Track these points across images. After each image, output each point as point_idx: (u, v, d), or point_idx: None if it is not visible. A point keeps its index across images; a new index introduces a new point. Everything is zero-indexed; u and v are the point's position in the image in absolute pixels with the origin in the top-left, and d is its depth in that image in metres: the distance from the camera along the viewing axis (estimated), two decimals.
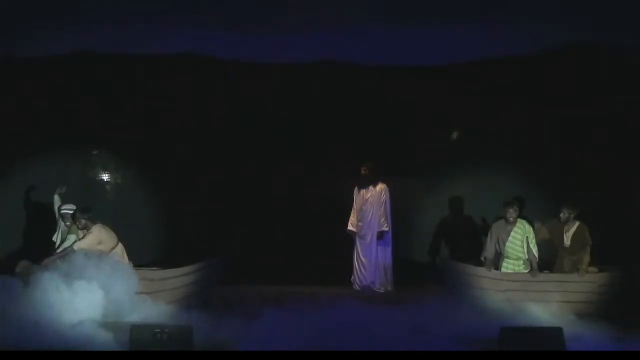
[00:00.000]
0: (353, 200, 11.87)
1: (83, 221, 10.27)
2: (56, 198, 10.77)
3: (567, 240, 10.49)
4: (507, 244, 10.48)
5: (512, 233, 10.47)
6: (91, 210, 10.38)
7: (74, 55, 12.02)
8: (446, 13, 10.76)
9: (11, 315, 9.28)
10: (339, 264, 11.90)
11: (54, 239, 10.64)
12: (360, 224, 11.78)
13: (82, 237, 10.17)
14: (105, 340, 8.74)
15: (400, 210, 11.98)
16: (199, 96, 12.54)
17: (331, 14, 10.81)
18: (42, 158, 12.37)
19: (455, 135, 12.77)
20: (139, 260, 10.78)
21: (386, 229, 11.70)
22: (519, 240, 10.47)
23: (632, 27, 10.76)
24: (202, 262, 10.47)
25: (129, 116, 12.44)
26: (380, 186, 11.73)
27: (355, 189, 11.85)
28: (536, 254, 10.41)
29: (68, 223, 10.49)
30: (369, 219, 11.70)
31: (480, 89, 12.31)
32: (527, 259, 10.45)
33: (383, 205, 11.69)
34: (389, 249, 11.78)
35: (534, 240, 10.45)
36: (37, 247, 10.71)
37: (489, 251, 10.56)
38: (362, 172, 11.74)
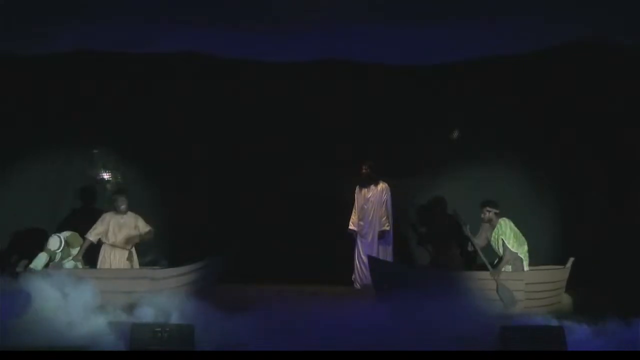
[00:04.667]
0: (354, 200, 11.89)
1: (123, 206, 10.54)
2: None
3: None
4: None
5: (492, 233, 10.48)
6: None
7: (74, 55, 12.01)
8: (446, 12, 10.76)
9: (11, 315, 9.29)
10: (340, 263, 11.91)
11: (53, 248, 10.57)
12: (361, 223, 11.80)
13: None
14: (105, 339, 8.74)
15: (401, 210, 12.00)
16: (199, 95, 12.54)
17: (331, 13, 10.80)
18: (42, 158, 12.37)
19: (456, 134, 12.78)
20: (139, 259, 10.81)
21: (387, 228, 11.72)
22: (494, 240, 10.46)
23: (632, 27, 10.78)
24: (203, 261, 10.47)
25: (129, 116, 12.44)
26: (382, 185, 11.74)
27: (357, 188, 11.87)
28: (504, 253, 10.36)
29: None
30: (370, 218, 11.72)
31: (480, 88, 12.32)
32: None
33: (384, 204, 11.71)
34: (390, 248, 11.81)
35: (505, 239, 10.39)
36: (38, 247, 10.70)
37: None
38: (363, 171, 11.76)
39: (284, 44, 11.61)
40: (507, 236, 10.35)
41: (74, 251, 10.41)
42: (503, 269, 10.32)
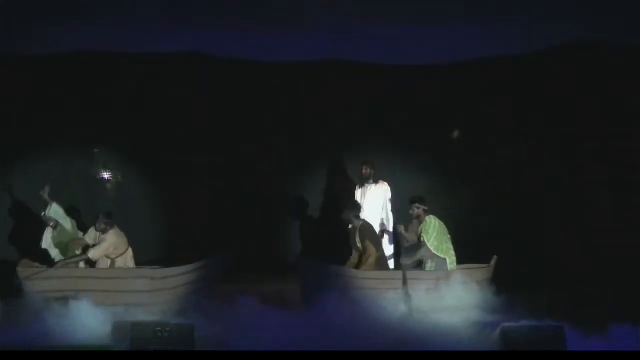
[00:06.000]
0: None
1: (103, 225, 10.36)
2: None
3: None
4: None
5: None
6: (112, 215, 10.48)
7: (74, 55, 12.03)
8: (446, 13, 10.78)
9: (11, 314, 9.30)
10: (340, 263, 11.89)
11: (44, 246, 10.57)
12: None
13: (97, 244, 10.28)
14: (106, 338, 8.74)
15: (401, 210, 11.97)
16: (199, 95, 12.53)
17: (331, 13, 10.82)
18: (43, 158, 12.37)
19: (457, 134, 12.77)
20: (140, 258, 10.81)
21: (387, 228, 11.70)
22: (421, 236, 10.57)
23: (632, 27, 10.79)
24: (204, 261, 10.46)
25: (129, 115, 12.43)
26: (382, 185, 11.71)
27: (357, 188, 11.84)
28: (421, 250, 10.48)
29: (52, 224, 10.46)
30: (370, 218, 11.67)
31: (480, 88, 12.31)
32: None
33: (384, 204, 11.68)
34: (390, 248, 11.78)
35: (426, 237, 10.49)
36: (39, 246, 10.70)
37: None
38: (364, 171, 11.72)
39: (284, 44, 11.63)
40: (429, 234, 10.45)
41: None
42: (427, 268, 10.46)
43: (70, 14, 10.84)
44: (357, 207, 11.00)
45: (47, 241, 10.51)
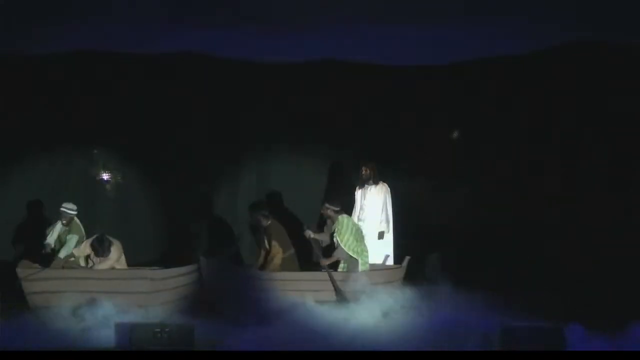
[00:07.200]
0: (355, 201, 11.87)
1: (101, 252, 10.25)
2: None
3: None
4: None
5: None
6: (105, 238, 10.35)
7: (74, 55, 12.03)
8: (446, 13, 10.79)
9: (11, 315, 9.30)
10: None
11: (48, 240, 10.56)
12: (361, 223, 11.76)
13: (101, 262, 10.23)
14: (105, 339, 8.75)
15: (401, 211, 11.99)
16: (200, 95, 12.53)
17: (331, 13, 10.83)
18: (43, 158, 12.37)
19: (456, 135, 12.76)
20: (140, 258, 10.80)
21: (386, 229, 11.69)
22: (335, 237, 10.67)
23: (632, 27, 10.80)
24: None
25: (129, 116, 12.43)
26: (382, 186, 11.70)
27: (357, 189, 11.84)
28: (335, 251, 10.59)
29: (64, 222, 10.47)
30: (370, 219, 11.68)
31: (480, 88, 12.31)
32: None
33: (384, 205, 11.67)
34: (390, 249, 11.77)
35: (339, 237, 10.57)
36: (38, 247, 10.71)
37: None
38: (363, 172, 11.71)
39: (284, 44, 11.64)
40: (341, 234, 10.51)
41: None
42: (340, 269, 10.55)
43: (70, 14, 10.85)
44: (264, 207, 10.89)
45: (54, 235, 10.52)
